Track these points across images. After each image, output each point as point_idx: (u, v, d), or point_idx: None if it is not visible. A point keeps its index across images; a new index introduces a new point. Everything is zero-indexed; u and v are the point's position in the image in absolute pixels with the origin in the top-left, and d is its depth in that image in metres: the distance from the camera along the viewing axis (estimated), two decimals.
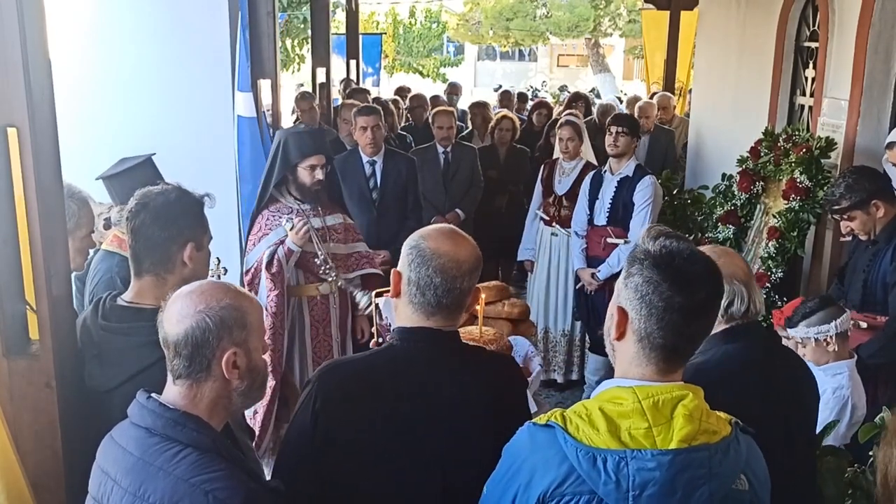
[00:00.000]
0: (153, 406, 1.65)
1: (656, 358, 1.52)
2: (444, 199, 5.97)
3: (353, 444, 1.79)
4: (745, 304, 2.06)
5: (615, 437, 1.45)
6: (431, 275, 1.80)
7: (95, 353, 2.11)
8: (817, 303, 3.05)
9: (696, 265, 1.52)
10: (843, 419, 2.93)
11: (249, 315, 1.71)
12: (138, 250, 2.16)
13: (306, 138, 3.71)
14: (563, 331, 5.43)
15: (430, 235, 1.86)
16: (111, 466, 1.64)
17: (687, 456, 1.43)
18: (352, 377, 1.85)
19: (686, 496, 1.43)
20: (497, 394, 1.85)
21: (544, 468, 1.48)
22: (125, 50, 4.66)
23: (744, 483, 1.51)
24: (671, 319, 1.48)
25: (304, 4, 14.73)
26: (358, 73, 10.99)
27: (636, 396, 1.48)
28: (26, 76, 1.92)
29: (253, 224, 3.79)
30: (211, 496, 1.52)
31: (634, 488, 1.42)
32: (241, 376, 1.69)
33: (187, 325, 1.64)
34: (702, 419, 1.48)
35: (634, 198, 4.77)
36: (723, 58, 6.51)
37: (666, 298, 1.48)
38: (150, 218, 2.14)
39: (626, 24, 23.10)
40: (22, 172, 1.94)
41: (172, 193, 2.20)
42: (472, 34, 25.91)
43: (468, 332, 2.99)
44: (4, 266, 2.00)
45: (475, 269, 1.86)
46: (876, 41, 4.40)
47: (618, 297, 1.58)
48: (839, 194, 3.47)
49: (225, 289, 1.72)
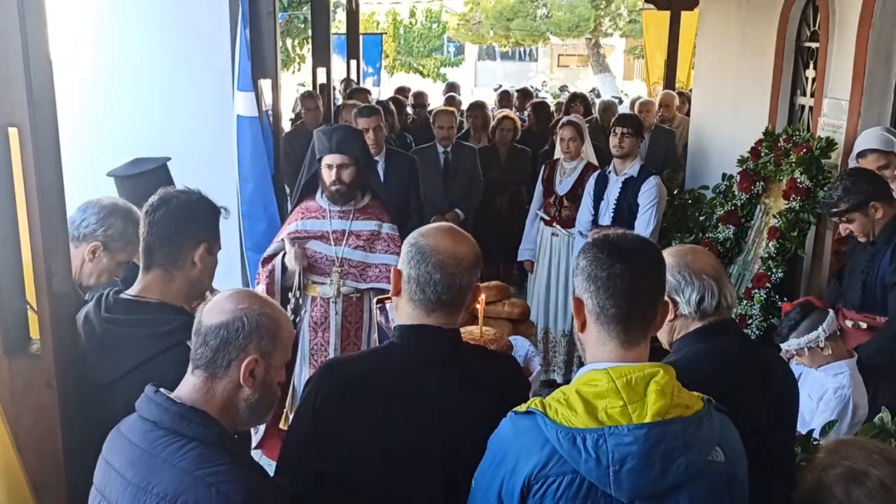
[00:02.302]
0: (161, 400, 1.67)
1: (616, 329, 1.60)
2: (444, 199, 5.97)
3: (352, 441, 1.80)
4: (716, 299, 2.06)
5: (592, 416, 1.51)
6: (431, 271, 1.82)
7: (97, 346, 2.12)
8: (799, 312, 3.06)
9: (631, 239, 1.67)
10: (844, 419, 2.94)
11: (282, 332, 1.75)
12: (152, 243, 2.18)
13: (326, 136, 3.65)
14: (564, 331, 5.43)
15: (429, 233, 1.88)
16: (116, 459, 1.66)
17: (662, 429, 1.49)
18: (352, 375, 1.86)
19: (664, 468, 1.49)
20: (499, 392, 1.84)
21: (528, 453, 1.53)
22: (126, 50, 4.66)
23: (719, 455, 1.57)
24: (617, 285, 1.58)
25: (304, 4, 14.73)
26: (358, 73, 10.99)
27: (610, 377, 1.54)
28: (27, 76, 1.92)
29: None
30: (214, 489, 1.53)
31: (614, 463, 1.48)
32: (254, 386, 1.71)
33: (225, 319, 1.68)
34: (673, 394, 1.54)
35: (639, 198, 4.78)
36: (723, 58, 6.51)
37: (607, 268, 1.60)
38: (169, 213, 2.18)
39: (627, 24, 23.12)
40: (23, 172, 1.94)
41: (194, 195, 2.26)
42: (472, 34, 25.91)
43: (468, 332, 2.99)
44: (5, 265, 2.00)
45: (474, 266, 1.87)
46: (876, 41, 4.40)
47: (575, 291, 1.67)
48: (837, 197, 3.47)
49: (269, 301, 1.79)
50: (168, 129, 4.50)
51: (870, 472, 1.65)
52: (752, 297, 4.57)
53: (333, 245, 3.67)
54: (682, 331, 2.10)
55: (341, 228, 3.69)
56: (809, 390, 3.13)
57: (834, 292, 3.79)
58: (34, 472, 2.04)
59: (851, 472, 1.66)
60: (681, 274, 2.05)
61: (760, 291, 4.53)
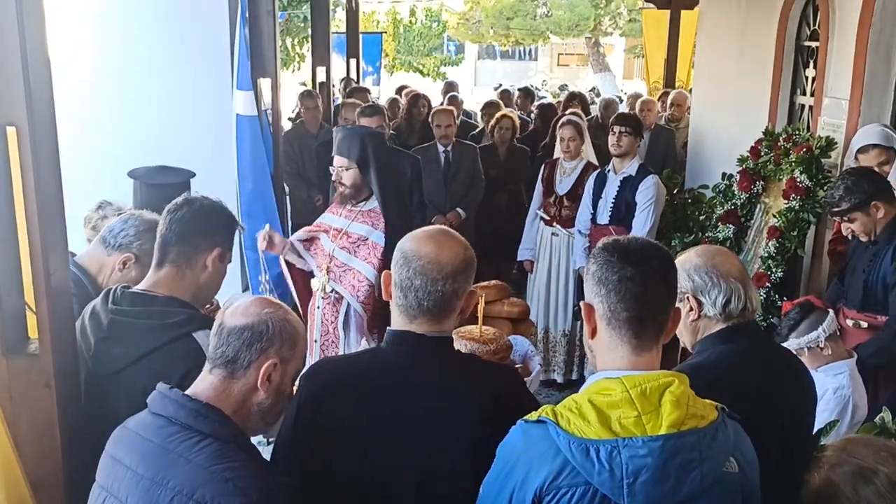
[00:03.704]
0: (176, 396, 1.68)
1: (627, 334, 1.57)
2: (445, 199, 5.97)
3: (331, 442, 1.80)
4: (742, 302, 2.06)
5: (606, 427, 1.47)
6: (412, 277, 1.79)
7: (104, 336, 2.14)
8: (799, 312, 3.05)
9: (642, 243, 1.64)
10: (844, 419, 2.93)
11: (300, 341, 1.80)
12: (169, 239, 2.22)
13: (334, 137, 3.70)
14: (564, 331, 5.43)
15: (415, 237, 1.86)
16: (126, 454, 1.66)
17: (677, 441, 1.46)
18: (336, 376, 1.86)
19: (679, 480, 1.46)
20: (489, 404, 1.79)
21: (539, 463, 1.50)
22: (125, 48, 4.66)
23: (734, 466, 1.54)
24: (628, 289, 1.55)
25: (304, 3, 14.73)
26: (358, 72, 10.99)
27: (624, 386, 1.51)
28: (25, 75, 1.92)
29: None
30: (231, 484, 1.54)
31: (628, 476, 1.44)
32: (268, 391, 1.73)
33: (249, 321, 1.72)
34: (689, 404, 1.51)
35: (637, 197, 4.77)
36: (723, 57, 6.50)
37: (618, 271, 1.57)
38: (192, 213, 2.24)
39: (627, 23, 23.12)
40: (21, 171, 1.94)
41: (217, 202, 2.33)
42: (472, 33, 25.90)
43: (468, 332, 2.98)
44: (3, 265, 2.00)
45: (461, 272, 1.82)
46: (876, 40, 4.40)
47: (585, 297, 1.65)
48: (839, 196, 3.47)
49: (289, 310, 1.83)
50: (167, 128, 4.51)
51: (878, 470, 1.64)
52: None
53: (331, 240, 3.70)
54: (705, 331, 2.08)
55: (341, 226, 3.71)
56: None
57: (836, 291, 3.79)
58: (33, 472, 2.04)
59: (860, 470, 1.65)
60: (708, 275, 2.04)
61: (760, 291, 4.52)
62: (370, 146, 3.58)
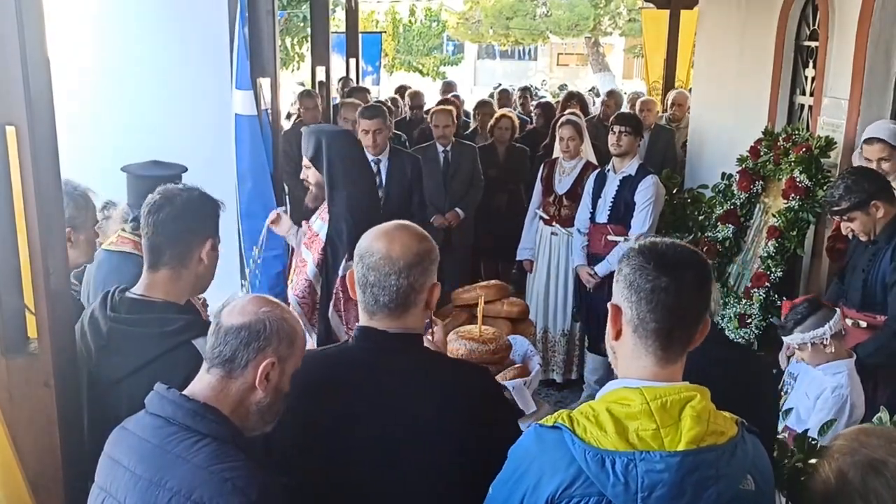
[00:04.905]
0: (174, 396, 1.68)
1: (654, 345, 1.52)
2: (445, 198, 5.96)
3: (301, 436, 1.82)
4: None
5: (623, 438, 1.44)
6: (366, 273, 1.82)
7: (103, 345, 2.13)
8: (807, 307, 3.05)
9: (680, 250, 1.56)
10: (841, 418, 2.94)
11: (298, 339, 1.79)
12: (159, 243, 2.20)
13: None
14: (563, 330, 5.43)
15: (369, 233, 1.87)
16: (124, 455, 1.66)
17: (696, 457, 1.43)
18: (308, 370, 1.86)
19: (695, 497, 1.43)
20: (441, 404, 1.80)
21: (552, 470, 1.47)
22: (125, 48, 4.65)
23: (750, 483, 1.51)
24: (660, 300, 1.50)
25: (303, 3, 14.73)
26: (357, 72, 10.98)
27: (644, 398, 1.47)
28: (25, 74, 1.91)
29: None
30: (230, 484, 1.54)
31: (643, 490, 1.42)
32: (267, 390, 1.73)
33: (247, 320, 1.71)
34: (709, 420, 1.47)
35: (636, 197, 4.78)
36: (723, 57, 6.50)
37: (652, 279, 1.50)
38: (175, 212, 2.20)
39: (626, 23, 23.11)
40: (20, 170, 1.94)
41: (195, 192, 2.29)
42: (471, 33, 25.88)
43: (468, 332, 2.99)
44: (3, 264, 1.99)
45: (415, 265, 1.81)
46: (876, 40, 4.40)
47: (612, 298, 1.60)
48: (839, 196, 3.46)
49: (287, 309, 1.83)
50: (167, 128, 4.50)
51: (888, 462, 1.62)
52: (751, 297, 4.57)
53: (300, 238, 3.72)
54: None
55: (311, 223, 3.69)
56: (807, 389, 3.13)
57: (836, 291, 3.79)
58: (32, 472, 2.04)
59: (869, 461, 1.63)
60: None
61: (759, 291, 4.53)
62: (324, 143, 3.51)
